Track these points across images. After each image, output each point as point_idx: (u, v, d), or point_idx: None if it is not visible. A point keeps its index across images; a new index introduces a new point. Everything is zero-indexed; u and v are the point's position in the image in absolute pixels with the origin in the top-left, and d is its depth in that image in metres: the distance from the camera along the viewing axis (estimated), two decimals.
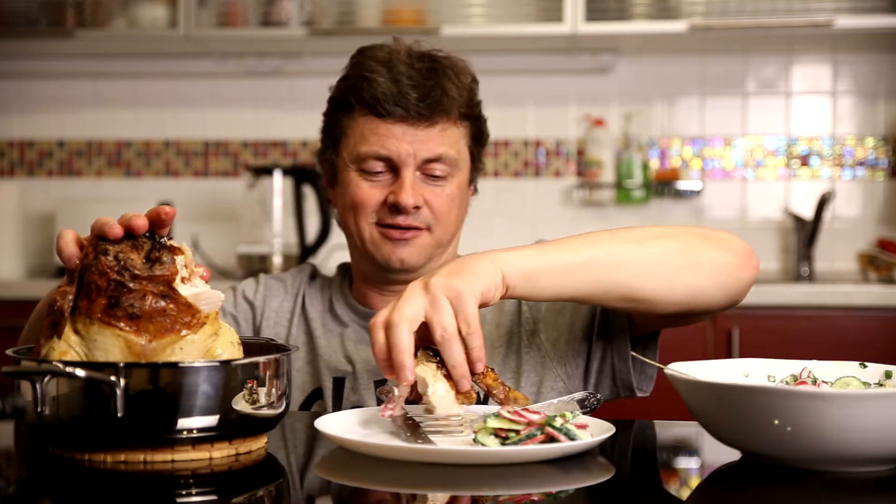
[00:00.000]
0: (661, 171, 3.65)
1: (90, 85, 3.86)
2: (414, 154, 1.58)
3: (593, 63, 3.63)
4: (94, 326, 1.11)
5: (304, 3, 3.50)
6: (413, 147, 1.58)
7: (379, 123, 1.59)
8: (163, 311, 1.12)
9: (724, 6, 3.37)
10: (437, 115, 1.59)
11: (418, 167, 1.59)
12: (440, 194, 1.61)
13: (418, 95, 1.57)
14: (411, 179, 1.59)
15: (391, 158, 1.59)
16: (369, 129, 1.60)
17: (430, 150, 1.59)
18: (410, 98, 1.57)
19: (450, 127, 1.61)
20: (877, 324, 2.96)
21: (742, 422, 1.08)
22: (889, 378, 1.22)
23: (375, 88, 1.58)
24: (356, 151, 1.62)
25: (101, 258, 1.13)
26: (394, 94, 1.57)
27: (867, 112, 3.60)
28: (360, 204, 1.61)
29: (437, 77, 1.60)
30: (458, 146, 1.62)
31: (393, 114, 1.58)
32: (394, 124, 1.58)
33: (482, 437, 1.13)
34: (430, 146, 1.59)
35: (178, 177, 3.84)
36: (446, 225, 1.62)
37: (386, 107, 1.57)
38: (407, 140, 1.58)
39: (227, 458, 1.13)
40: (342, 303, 1.70)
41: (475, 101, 1.66)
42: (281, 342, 1.60)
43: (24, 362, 1.12)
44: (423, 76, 1.59)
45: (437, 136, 1.59)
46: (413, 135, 1.58)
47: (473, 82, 1.66)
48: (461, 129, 1.63)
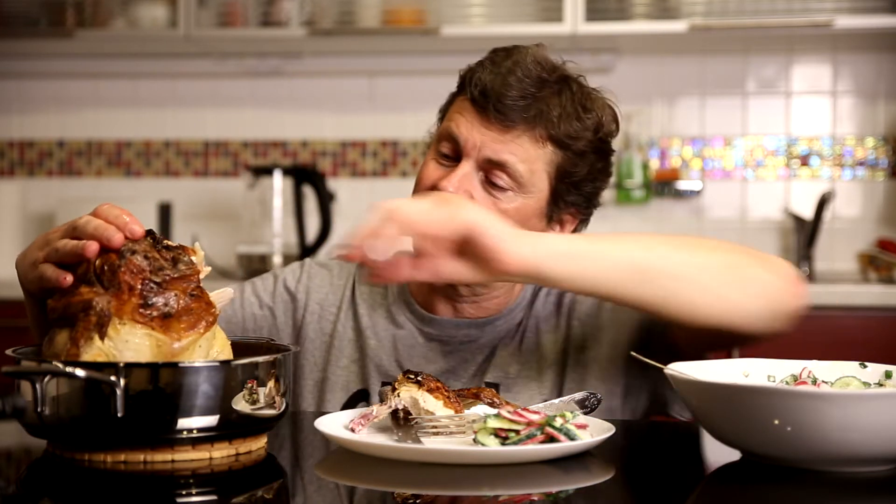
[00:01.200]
0: (661, 171, 3.65)
1: (90, 85, 3.86)
2: (479, 147, 1.48)
3: (593, 63, 3.63)
4: (125, 327, 1.10)
5: (304, 3, 3.50)
6: (482, 141, 1.48)
7: (467, 107, 1.51)
8: (189, 309, 1.13)
9: (724, 6, 3.37)
10: (518, 121, 1.48)
11: (481, 167, 1.49)
12: (492, 203, 1.48)
13: (511, 97, 1.48)
14: (465, 171, 1.48)
15: (457, 141, 1.50)
16: (456, 109, 1.53)
17: (495, 152, 1.48)
18: (502, 94, 1.48)
19: (527, 140, 1.49)
20: (877, 324, 2.96)
21: (742, 422, 1.08)
22: (889, 378, 1.22)
23: (479, 75, 1.51)
24: (441, 127, 1.55)
25: (129, 258, 1.12)
26: (487, 85, 1.49)
27: (867, 112, 3.60)
28: (419, 181, 1.53)
29: (546, 89, 1.51)
30: (532, 165, 1.49)
31: (478, 102, 1.49)
32: (477, 112, 1.50)
33: (482, 437, 1.13)
34: (498, 148, 1.48)
35: (178, 177, 3.84)
36: None
37: (474, 91, 1.50)
38: (478, 131, 1.49)
39: (227, 459, 1.13)
40: (400, 301, 1.60)
41: (584, 136, 1.52)
42: (320, 338, 1.59)
43: (23, 362, 1.11)
44: (533, 83, 1.50)
45: (510, 141, 1.48)
46: (487, 130, 1.49)
47: (598, 120, 1.54)
48: (544, 151, 1.50)
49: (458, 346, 1.57)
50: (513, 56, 1.52)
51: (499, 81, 1.49)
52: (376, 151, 3.73)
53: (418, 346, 1.57)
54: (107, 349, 1.10)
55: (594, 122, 1.54)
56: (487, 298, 1.57)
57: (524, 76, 1.49)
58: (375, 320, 1.60)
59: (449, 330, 1.57)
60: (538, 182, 1.50)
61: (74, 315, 1.11)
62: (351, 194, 3.68)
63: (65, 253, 1.18)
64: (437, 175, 1.51)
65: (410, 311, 1.59)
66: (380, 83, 3.75)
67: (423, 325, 1.58)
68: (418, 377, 1.23)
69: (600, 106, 1.56)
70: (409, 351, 1.57)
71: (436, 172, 1.51)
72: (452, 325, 1.57)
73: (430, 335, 1.58)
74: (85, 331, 1.10)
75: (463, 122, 1.51)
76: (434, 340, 1.57)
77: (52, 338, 1.15)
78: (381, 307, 1.61)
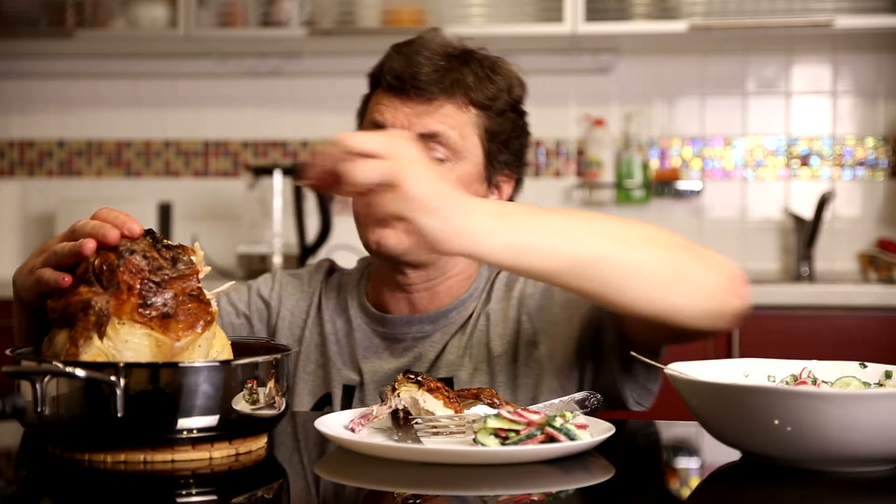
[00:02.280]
0: (661, 171, 3.65)
1: (90, 85, 3.86)
2: (407, 126, 1.52)
3: (593, 63, 3.63)
4: (125, 326, 1.10)
5: (304, 3, 3.50)
6: (408, 120, 1.53)
7: (383, 96, 1.56)
8: (188, 309, 1.13)
9: (724, 6, 3.37)
10: (437, 93, 1.53)
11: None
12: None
13: (424, 72, 1.53)
14: None
15: (384, 127, 1.53)
16: (376, 101, 1.57)
17: (425, 125, 1.52)
18: (415, 73, 1.53)
19: (452, 109, 1.54)
20: (877, 324, 2.96)
21: (742, 422, 1.08)
22: (889, 378, 1.22)
23: (388, 64, 1.56)
24: (363, 125, 1.58)
25: (128, 258, 1.12)
26: (398, 69, 1.54)
27: (867, 112, 3.60)
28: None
29: (456, 62, 1.55)
30: (461, 130, 1.54)
31: (393, 86, 1.54)
32: (394, 96, 1.54)
33: (482, 437, 1.13)
34: (426, 121, 1.52)
35: (178, 177, 3.84)
36: None
37: (388, 78, 1.54)
38: (403, 112, 1.53)
39: (227, 458, 1.13)
40: (355, 303, 1.64)
41: (500, 97, 1.57)
42: (291, 344, 1.60)
43: (23, 362, 1.11)
44: (442, 59, 1.54)
45: (434, 112, 1.53)
46: (410, 108, 1.53)
47: (509, 81, 1.59)
48: (469, 116, 1.55)
49: (412, 343, 1.59)
50: (414, 43, 1.58)
51: (408, 63, 1.54)
52: None
53: (373, 346, 1.60)
54: (106, 349, 1.10)
55: (506, 83, 1.59)
56: (441, 283, 1.59)
57: (431, 54, 1.55)
58: (337, 325, 1.64)
59: (401, 327, 1.60)
60: (471, 147, 1.55)
61: (73, 315, 1.11)
62: None
63: (63, 255, 1.18)
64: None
65: (364, 312, 1.63)
66: None
67: (377, 325, 1.61)
68: (418, 377, 1.23)
69: (507, 69, 1.60)
70: (364, 352, 1.60)
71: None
72: (404, 323, 1.60)
73: (384, 334, 1.61)
74: (84, 331, 1.10)
75: (385, 109, 1.55)
76: (388, 339, 1.60)
77: (52, 338, 1.15)
78: (343, 312, 1.65)
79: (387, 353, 1.60)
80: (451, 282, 1.61)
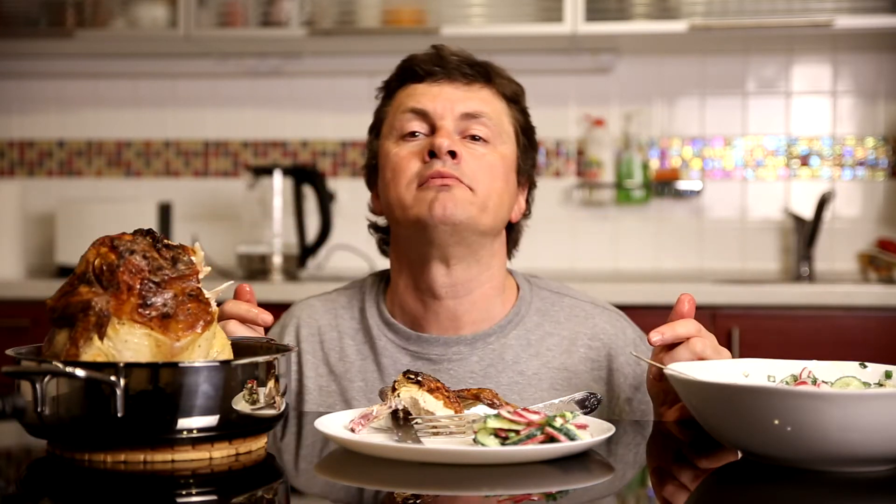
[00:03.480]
0: (661, 171, 3.65)
1: (90, 85, 3.86)
2: (452, 107, 1.53)
3: (593, 63, 3.63)
4: (124, 327, 1.10)
5: (304, 3, 3.50)
6: (451, 102, 1.54)
7: (417, 86, 1.56)
8: (188, 309, 1.13)
9: (724, 6, 3.36)
10: (478, 77, 1.56)
11: (458, 127, 1.54)
12: (480, 157, 1.52)
13: (460, 59, 1.56)
14: (449, 129, 1.52)
15: (427, 112, 1.53)
16: (406, 94, 1.57)
17: (468, 106, 1.54)
18: (452, 60, 1.55)
19: (489, 93, 1.57)
20: (877, 324, 2.96)
21: (742, 422, 1.08)
22: (889, 378, 1.22)
23: (415, 60, 1.57)
24: (394, 120, 1.57)
25: (128, 258, 1.12)
26: (433, 58, 1.56)
27: (867, 112, 3.60)
28: (397, 170, 1.52)
29: (480, 62, 1.59)
30: (500, 116, 1.57)
31: (432, 73, 1.55)
32: (432, 84, 1.55)
33: (482, 437, 1.13)
34: (470, 103, 1.54)
35: (178, 177, 3.84)
36: (488, 190, 1.51)
37: (424, 67, 1.56)
38: (445, 95, 1.54)
39: (227, 458, 1.13)
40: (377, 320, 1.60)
41: (521, 99, 1.62)
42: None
43: (24, 362, 1.11)
44: (466, 59, 1.58)
45: (476, 94, 1.56)
46: (452, 91, 1.55)
47: (520, 90, 1.63)
48: (505, 106, 1.58)
49: (447, 366, 1.56)
50: (427, 51, 1.61)
51: (439, 54, 1.57)
52: None
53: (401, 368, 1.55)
54: (106, 349, 1.09)
55: (517, 87, 1.63)
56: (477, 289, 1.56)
57: (455, 52, 1.58)
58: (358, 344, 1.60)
59: (437, 348, 1.56)
60: (508, 134, 1.58)
61: (74, 315, 1.11)
62: (351, 194, 3.68)
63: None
64: (411, 154, 1.52)
65: (392, 330, 1.58)
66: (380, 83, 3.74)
67: (407, 343, 1.57)
68: (418, 377, 1.23)
69: (512, 79, 1.64)
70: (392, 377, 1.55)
71: (409, 153, 1.53)
72: (441, 343, 1.56)
73: (416, 353, 1.57)
74: (84, 331, 1.10)
75: (423, 96, 1.55)
76: (420, 359, 1.56)
77: (52, 338, 1.15)
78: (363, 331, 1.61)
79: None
80: (488, 290, 1.57)
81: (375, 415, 1.20)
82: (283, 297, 3.05)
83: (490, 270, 1.57)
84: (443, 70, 1.55)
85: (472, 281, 1.55)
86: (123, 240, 1.14)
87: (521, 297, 1.61)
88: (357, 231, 3.76)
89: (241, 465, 1.13)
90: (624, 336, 1.60)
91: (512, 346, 1.56)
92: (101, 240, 1.15)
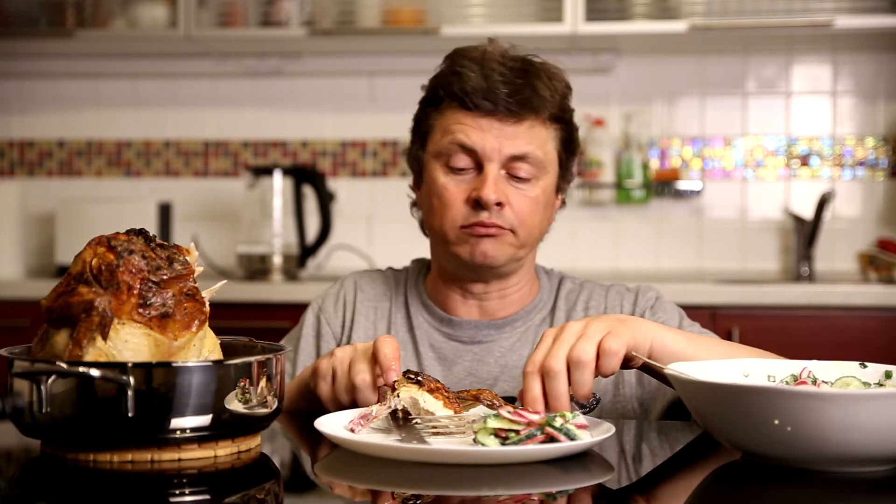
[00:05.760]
0: (661, 171, 3.65)
1: (90, 85, 3.86)
2: (499, 149, 1.56)
3: (593, 63, 3.63)
4: (125, 327, 1.10)
5: (304, 3, 3.50)
6: (499, 142, 1.56)
7: (466, 115, 1.57)
8: (184, 309, 1.13)
9: (724, 6, 3.36)
10: (525, 112, 1.57)
11: (503, 165, 1.57)
12: (524, 196, 1.58)
13: (508, 91, 1.56)
14: (495, 175, 1.56)
15: (475, 151, 1.56)
16: (456, 120, 1.58)
17: (515, 147, 1.57)
18: (500, 93, 1.55)
19: (538, 126, 1.59)
20: (877, 324, 2.96)
21: (742, 422, 1.08)
22: (889, 378, 1.22)
23: (465, 82, 1.57)
24: (441, 143, 1.60)
25: (127, 258, 1.12)
26: (483, 89, 1.56)
27: (867, 112, 3.60)
28: (445, 204, 1.59)
29: (528, 77, 1.58)
30: (545, 148, 1.60)
31: (481, 107, 1.56)
32: (481, 117, 1.57)
33: (482, 437, 1.13)
34: (517, 143, 1.57)
35: (178, 177, 3.84)
36: (529, 228, 1.60)
37: (474, 100, 1.56)
38: (493, 134, 1.56)
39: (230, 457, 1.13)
40: (417, 302, 1.70)
41: (567, 106, 1.64)
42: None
43: (36, 364, 1.10)
44: (515, 75, 1.57)
45: (524, 133, 1.57)
46: (500, 130, 1.56)
47: (567, 88, 1.64)
48: (550, 132, 1.61)
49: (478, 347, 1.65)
50: (474, 55, 1.60)
51: (487, 81, 1.56)
52: (376, 151, 3.73)
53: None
54: (107, 350, 1.09)
55: (563, 89, 1.64)
56: (513, 293, 1.67)
57: (504, 70, 1.57)
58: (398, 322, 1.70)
59: (468, 331, 1.66)
60: (552, 161, 1.62)
61: (75, 316, 1.11)
62: (351, 194, 3.68)
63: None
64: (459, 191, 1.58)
65: (429, 312, 1.69)
66: (380, 83, 3.75)
67: (442, 326, 1.67)
68: (418, 377, 1.23)
69: (559, 74, 1.64)
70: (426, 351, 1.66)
71: (456, 189, 1.58)
72: (472, 326, 1.66)
73: (449, 335, 1.67)
74: (87, 331, 1.09)
75: (472, 131, 1.57)
76: (453, 340, 1.67)
77: (48, 338, 1.14)
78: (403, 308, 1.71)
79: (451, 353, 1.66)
80: (521, 290, 1.68)
81: (375, 415, 1.20)
82: (283, 298, 3.05)
83: (526, 275, 1.69)
84: (492, 105, 1.56)
85: (507, 288, 1.67)
86: (120, 240, 1.14)
87: (542, 286, 1.72)
88: (357, 231, 3.77)
89: (242, 462, 1.13)
90: (621, 310, 1.69)
91: (537, 326, 1.67)
92: (97, 239, 1.15)
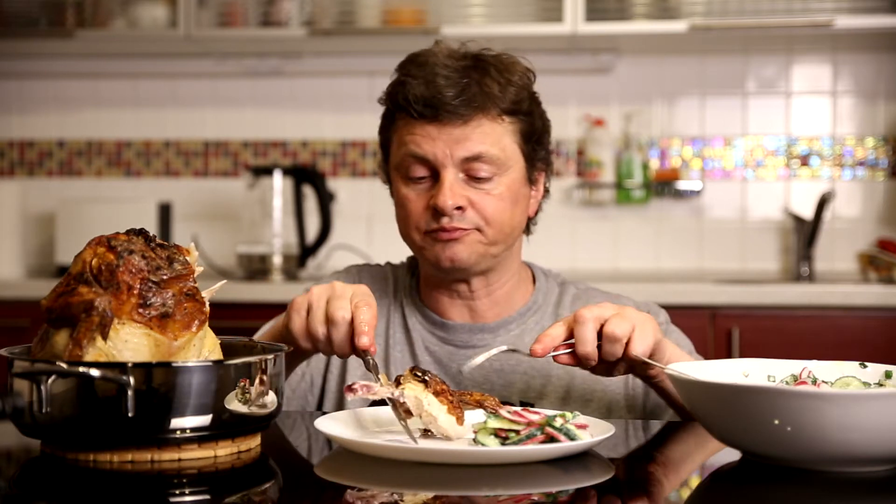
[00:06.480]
0: (661, 171, 3.65)
1: (90, 85, 3.86)
2: (451, 154, 1.55)
3: (593, 63, 3.63)
4: (125, 327, 1.10)
5: (304, 3, 3.50)
6: (449, 147, 1.55)
7: (415, 125, 1.57)
8: (184, 309, 1.13)
9: (724, 6, 3.36)
10: (472, 112, 1.55)
11: (460, 168, 1.56)
12: (486, 195, 1.57)
13: (452, 94, 1.54)
14: (451, 180, 1.55)
15: (428, 159, 1.56)
16: (407, 131, 1.58)
17: (467, 149, 1.55)
18: (443, 97, 1.54)
19: (488, 124, 1.56)
20: (877, 324, 2.96)
21: (742, 422, 1.08)
22: (889, 378, 1.22)
23: (408, 91, 1.57)
24: (397, 157, 1.61)
25: (127, 258, 1.12)
26: (425, 96, 1.55)
27: (867, 112, 3.60)
28: (406, 213, 1.60)
29: (475, 74, 1.56)
30: (501, 144, 1.57)
31: (425, 115, 1.55)
32: (428, 125, 1.56)
33: (482, 437, 1.13)
34: (468, 145, 1.55)
35: (178, 177, 3.84)
36: (499, 225, 1.58)
37: (417, 108, 1.56)
38: (443, 140, 1.55)
39: (230, 457, 1.13)
40: (410, 304, 1.69)
41: (523, 96, 1.60)
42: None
43: (36, 364, 1.10)
44: (460, 74, 1.56)
45: (473, 133, 1.55)
46: (448, 134, 1.55)
47: (525, 77, 1.62)
48: (505, 126, 1.58)
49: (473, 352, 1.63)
50: (420, 60, 1.59)
51: (431, 87, 1.55)
52: (376, 151, 3.71)
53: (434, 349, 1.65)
54: (107, 350, 1.09)
55: (522, 80, 1.61)
56: (500, 290, 1.65)
57: (448, 72, 1.56)
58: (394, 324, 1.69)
59: (462, 335, 1.65)
60: (512, 155, 1.59)
61: (75, 316, 1.11)
62: (351, 194, 3.68)
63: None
64: (418, 200, 1.58)
65: (422, 315, 1.68)
66: (380, 83, 3.71)
67: (436, 329, 1.66)
68: (425, 376, 1.22)
69: (518, 66, 1.63)
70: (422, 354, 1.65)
71: (416, 198, 1.59)
72: (466, 330, 1.65)
73: (444, 339, 1.65)
74: (87, 331, 1.09)
75: (422, 140, 1.56)
76: (448, 344, 1.65)
77: (48, 338, 1.14)
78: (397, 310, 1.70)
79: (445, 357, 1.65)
80: (508, 288, 1.66)
81: (375, 391, 1.19)
82: (283, 298, 3.05)
83: (509, 271, 1.66)
84: (435, 111, 1.55)
85: (491, 285, 1.65)
86: (120, 239, 1.14)
87: (537, 288, 1.70)
88: (357, 231, 3.77)
89: (243, 462, 1.13)
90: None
91: (531, 329, 1.65)
92: (97, 239, 1.15)
